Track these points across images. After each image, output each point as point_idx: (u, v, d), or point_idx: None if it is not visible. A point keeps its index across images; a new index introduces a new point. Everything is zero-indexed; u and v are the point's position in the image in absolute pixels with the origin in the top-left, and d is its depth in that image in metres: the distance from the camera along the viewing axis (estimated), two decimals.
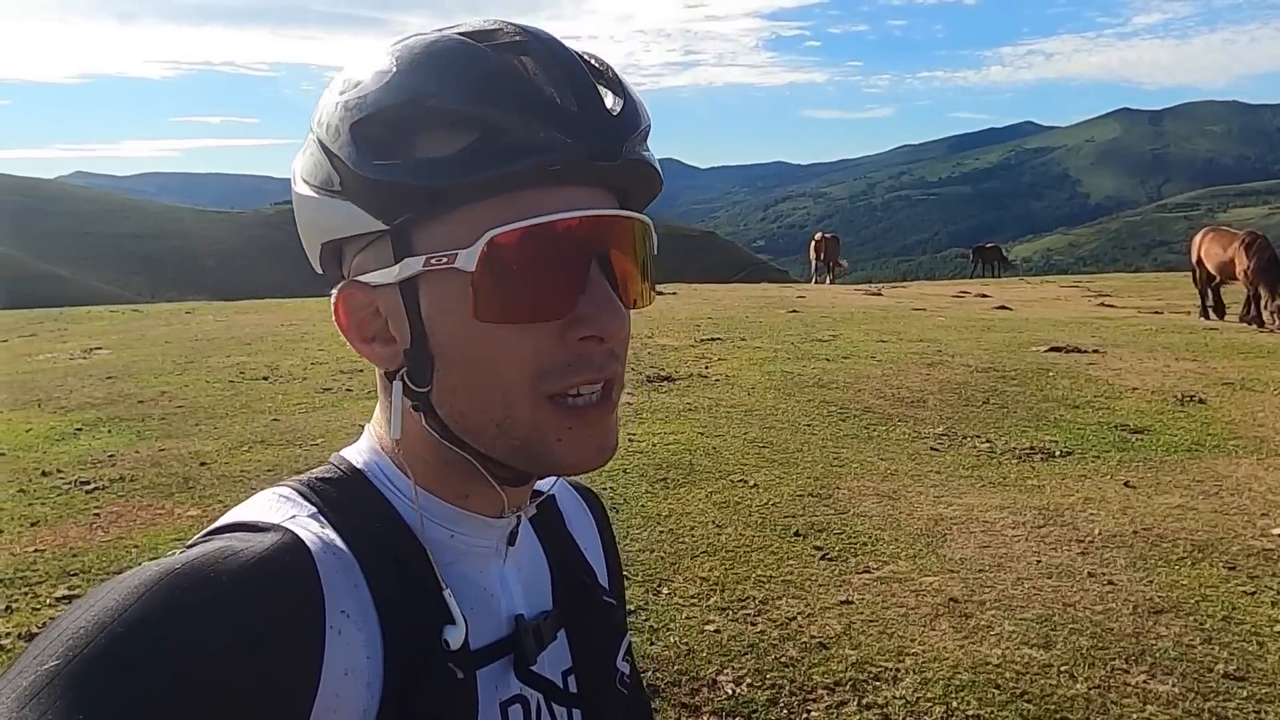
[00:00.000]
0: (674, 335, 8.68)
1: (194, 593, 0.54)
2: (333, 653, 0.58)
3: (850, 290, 16.50)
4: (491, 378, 0.62)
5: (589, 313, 0.61)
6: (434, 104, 0.59)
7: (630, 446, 4.75)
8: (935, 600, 3.07)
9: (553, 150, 0.59)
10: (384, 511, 0.67)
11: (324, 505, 0.66)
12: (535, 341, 0.61)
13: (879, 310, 11.27)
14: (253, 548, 0.58)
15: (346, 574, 0.62)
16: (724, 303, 12.28)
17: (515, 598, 0.72)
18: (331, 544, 0.63)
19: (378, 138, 0.60)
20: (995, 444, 5.05)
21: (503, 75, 0.60)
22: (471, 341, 0.62)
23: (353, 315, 0.65)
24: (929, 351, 7.64)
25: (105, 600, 0.53)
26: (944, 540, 3.62)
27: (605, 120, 0.61)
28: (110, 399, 6.13)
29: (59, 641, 0.51)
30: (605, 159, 0.61)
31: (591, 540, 0.84)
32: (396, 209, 0.60)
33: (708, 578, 3.23)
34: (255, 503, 0.66)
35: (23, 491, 4.17)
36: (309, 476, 0.68)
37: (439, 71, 0.60)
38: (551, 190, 0.61)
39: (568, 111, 0.60)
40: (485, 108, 0.59)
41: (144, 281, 61.01)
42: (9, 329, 11.14)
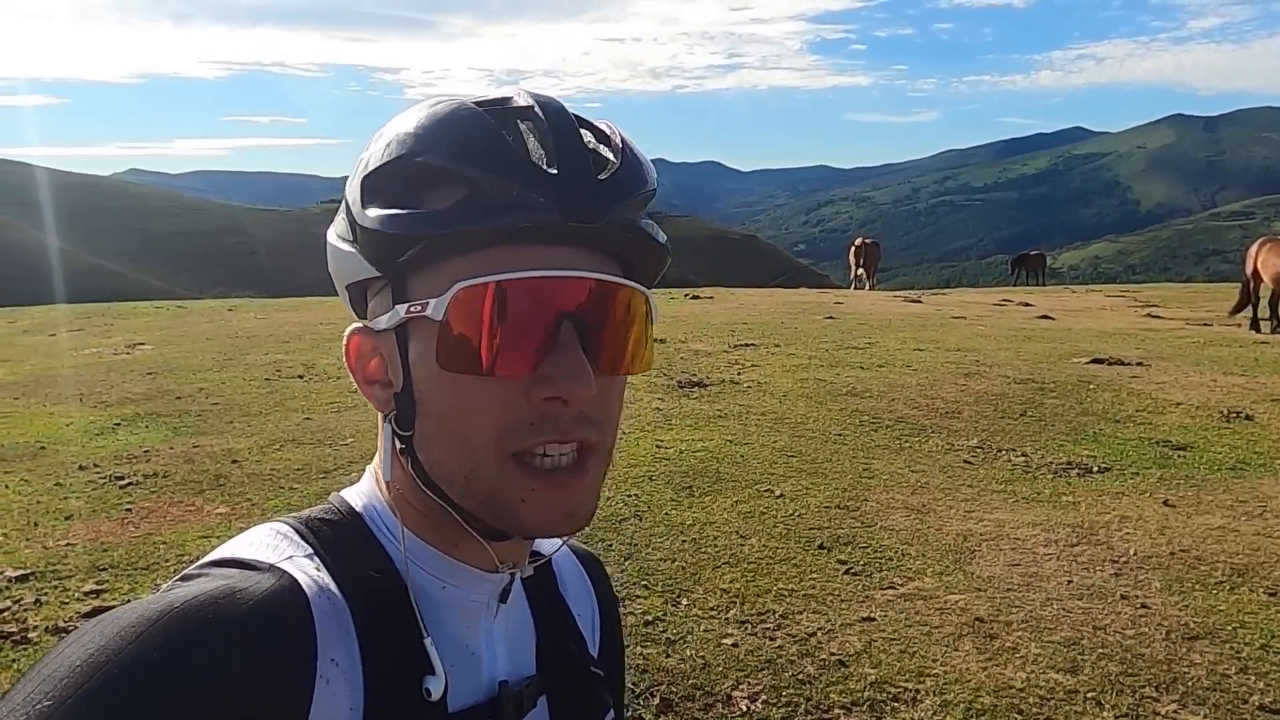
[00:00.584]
0: (707, 340, 8.64)
1: (192, 636, 0.54)
2: (319, 703, 0.58)
3: (889, 297, 16.33)
4: (458, 429, 0.63)
5: (551, 373, 0.61)
6: (426, 161, 0.63)
7: (657, 453, 4.73)
8: (960, 619, 3.01)
9: (525, 210, 0.61)
10: (377, 557, 0.67)
11: (320, 547, 0.66)
12: (499, 397, 0.62)
13: (917, 318, 11.13)
14: (251, 590, 0.59)
15: (338, 620, 0.62)
16: (760, 308, 12.20)
17: (499, 659, 0.71)
18: (326, 589, 0.63)
19: (378, 190, 0.64)
20: (1031, 458, 4.94)
21: (490, 138, 0.63)
22: (441, 391, 0.63)
23: (359, 358, 0.69)
24: (966, 361, 7.52)
25: (100, 639, 0.53)
26: (972, 557, 3.55)
27: (586, 185, 0.63)
28: (149, 395, 6.24)
29: (53, 680, 0.51)
30: (581, 220, 0.62)
31: (587, 608, 0.83)
32: (387, 257, 0.63)
33: (728, 589, 3.19)
34: (253, 538, 0.66)
35: (59, 485, 4.25)
36: (307, 515, 0.70)
37: (434, 132, 0.64)
38: (529, 249, 0.62)
39: (545, 174, 0.62)
40: (467, 167, 0.62)
41: (192, 278, 62.32)
42: (58, 323, 11.42)
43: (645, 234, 0.66)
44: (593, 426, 0.64)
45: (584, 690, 0.76)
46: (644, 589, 3.18)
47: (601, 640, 0.84)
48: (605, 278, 0.64)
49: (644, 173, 0.67)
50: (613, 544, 3.54)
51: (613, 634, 0.86)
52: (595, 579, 0.86)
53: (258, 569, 0.62)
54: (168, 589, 0.59)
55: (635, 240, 0.66)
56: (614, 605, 0.88)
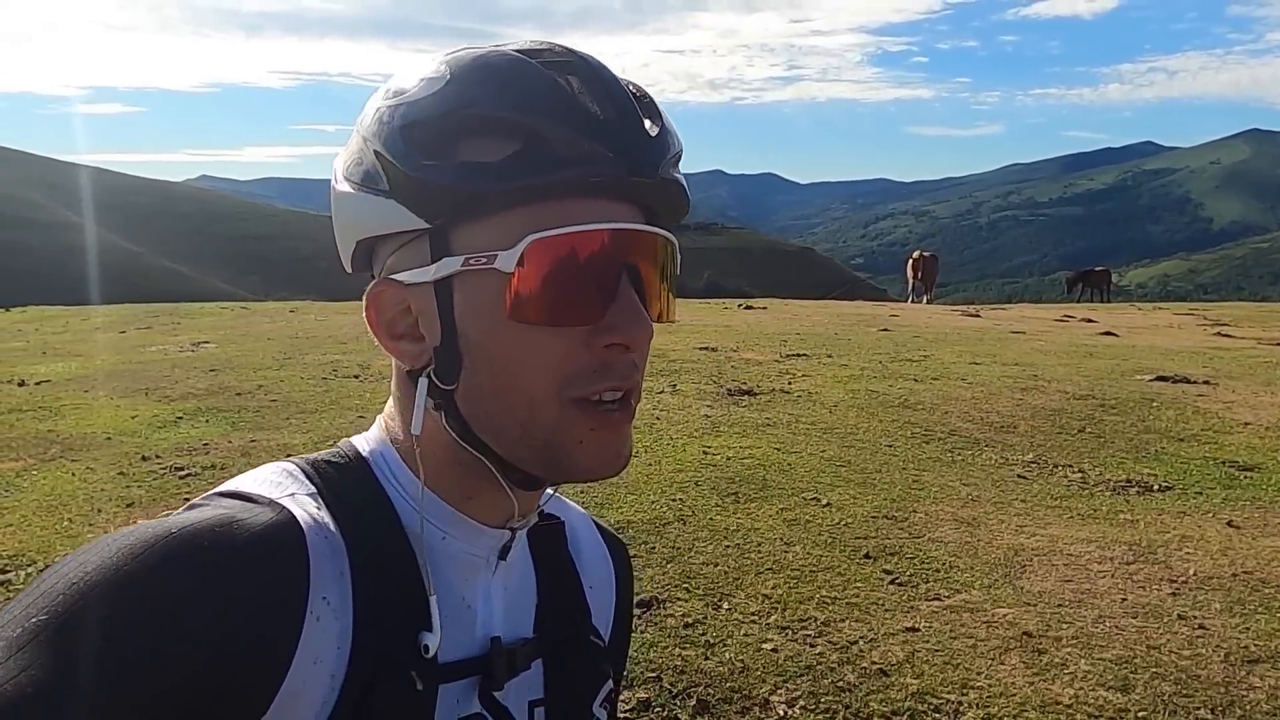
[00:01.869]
0: (759, 350, 8.60)
1: (185, 560, 0.55)
2: (308, 639, 0.59)
3: (947, 311, 16.06)
4: (519, 379, 0.63)
5: (617, 322, 0.63)
6: (482, 111, 0.62)
7: (704, 459, 4.71)
8: (1007, 633, 2.94)
9: (595, 163, 0.62)
10: (380, 503, 0.68)
11: (324, 487, 0.67)
12: (564, 346, 0.63)
13: (974, 332, 10.93)
14: (249, 521, 0.60)
15: (334, 560, 0.62)
16: (814, 319, 12.10)
17: (494, 616, 0.71)
18: (324, 527, 0.63)
19: (427, 140, 0.63)
20: (1088, 475, 4.82)
21: (550, 88, 0.63)
22: (502, 342, 0.63)
23: (383, 312, 0.67)
24: (1024, 376, 7.36)
25: (100, 557, 0.54)
26: (1023, 571, 3.47)
27: (645, 139, 0.64)
28: (211, 390, 6.41)
29: (50, 594, 0.52)
30: (643, 175, 0.63)
31: (606, 586, 0.83)
32: (439, 209, 0.62)
33: (770, 595, 3.16)
34: (260, 474, 0.68)
35: (122, 474, 4.39)
36: (315, 457, 0.71)
37: (489, 81, 0.63)
38: (588, 201, 0.63)
39: (611, 127, 0.63)
40: (532, 117, 0.61)
41: (258, 281, 63.97)
42: (127, 321, 11.81)
43: (685, 190, 0.68)
44: (639, 371, 0.66)
45: (581, 657, 0.76)
46: (685, 592, 3.17)
47: (615, 619, 0.84)
48: (656, 230, 0.66)
49: (677, 133, 0.69)
50: (655, 546, 3.53)
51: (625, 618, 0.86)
52: (618, 561, 0.86)
53: (258, 503, 0.62)
54: (174, 514, 0.60)
55: (680, 196, 0.67)
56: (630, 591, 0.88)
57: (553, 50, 0.66)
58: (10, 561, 3.29)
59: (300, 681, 0.58)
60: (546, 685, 0.73)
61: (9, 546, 3.43)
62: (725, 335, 9.49)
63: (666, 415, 5.64)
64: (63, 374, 7.25)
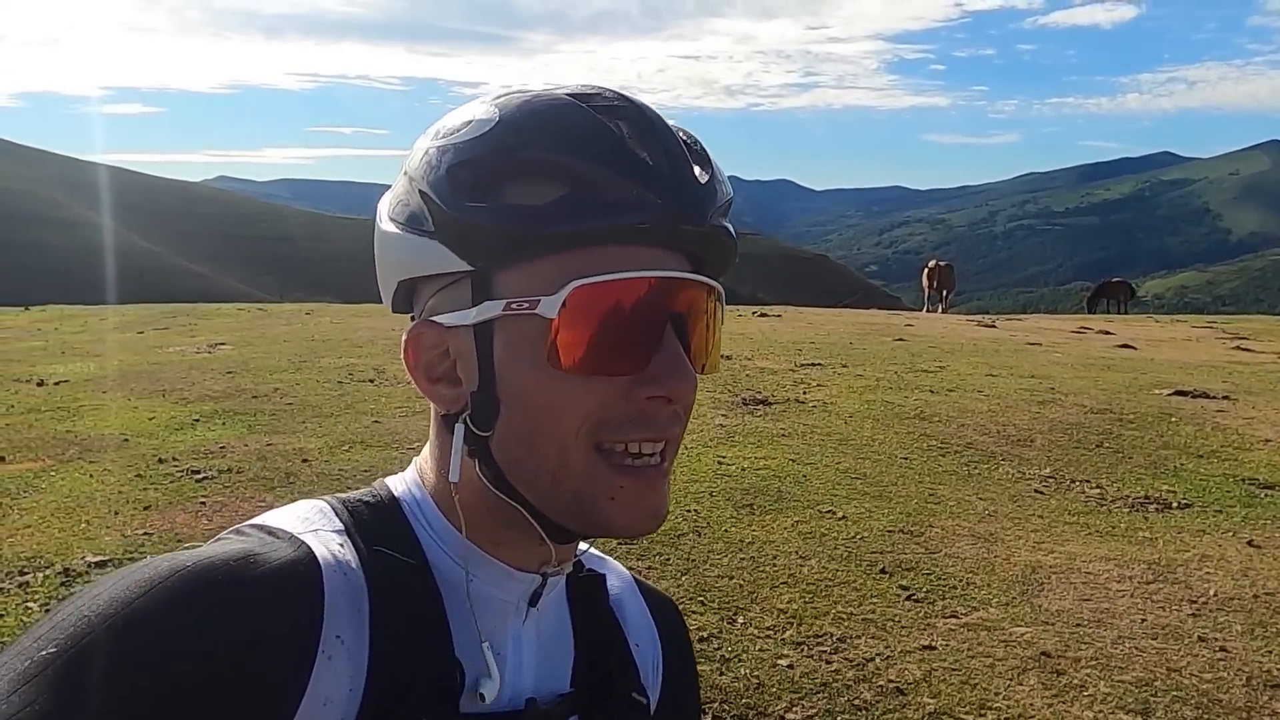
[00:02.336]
0: (774, 359, 8.57)
1: (195, 595, 0.55)
2: (319, 678, 0.58)
3: (962, 320, 15.98)
4: (552, 426, 0.62)
5: (660, 373, 0.62)
6: (529, 154, 0.62)
7: (718, 469, 4.70)
8: (1025, 653, 2.91)
9: (643, 209, 0.61)
10: (409, 544, 0.67)
11: (352, 526, 0.66)
12: (602, 395, 0.62)
13: (990, 343, 10.87)
14: (266, 556, 0.59)
15: (352, 599, 0.62)
16: (828, 327, 12.07)
17: (525, 666, 0.69)
18: (346, 565, 0.63)
19: (473, 182, 0.62)
20: (1106, 491, 4.78)
21: (599, 133, 0.62)
22: (539, 388, 0.62)
23: (422, 354, 0.66)
24: (1041, 389, 7.31)
25: (112, 591, 0.54)
26: (1041, 589, 3.44)
27: (694, 187, 0.63)
28: (228, 392, 6.44)
29: (61, 628, 0.52)
30: (691, 224, 0.63)
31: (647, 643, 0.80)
32: (481, 252, 0.62)
33: (785, 610, 3.15)
34: (293, 510, 0.68)
35: (140, 476, 4.41)
36: (349, 496, 0.70)
37: (537, 124, 0.62)
38: (634, 249, 0.62)
39: (660, 174, 0.62)
40: (581, 162, 0.61)
41: (274, 282, 64.34)
42: (145, 321, 11.88)
43: (734, 240, 0.67)
44: (680, 424, 0.65)
45: (620, 715, 0.73)
46: (700, 605, 3.16)
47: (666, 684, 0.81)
48: (702, 279, 0.65)
49: (725, 180, 0.67)
50: (670, 559, 3.52)
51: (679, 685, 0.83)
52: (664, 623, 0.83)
53: (280, 538, 0.62)
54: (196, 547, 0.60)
55: (729, 245, 0.67)
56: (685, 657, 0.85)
57: (603, 95, 0.65)
58: (28, 563, 3.31)
59: None
60: None
61: (27, 548, 3.45)
62: (740, 343, 9.47)
63: None
64: (81, 374, 7.30)
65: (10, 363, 7.91)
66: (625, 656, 0.77)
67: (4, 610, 2.94)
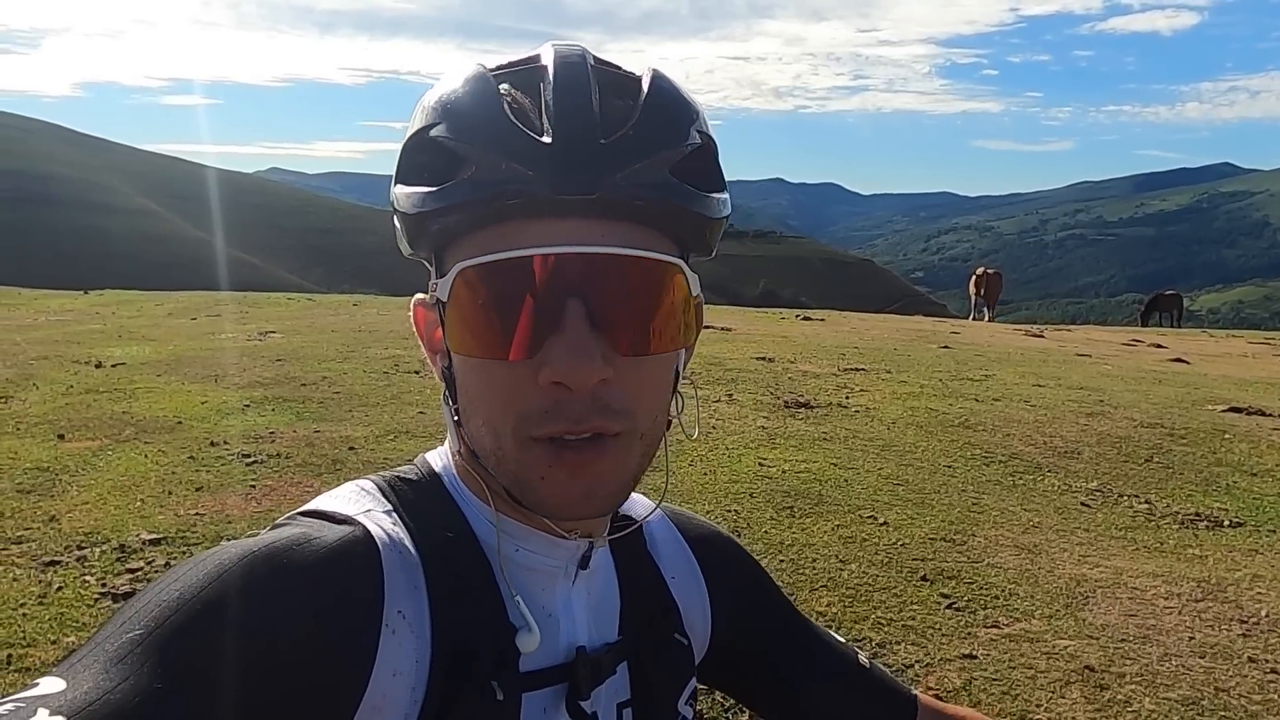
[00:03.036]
0: (817, 362, 8.53)
1: (266, 577, 0.58)
2: (385, 652, 0.61)
3: (1009, 329, 15.76)
4: (481, 409, 0.63)
5: (551, 357, 0.59)
6: (434, 135, 0.61)
7: (759, 471, 4.69)
8: (1068, 666, 2.87)
9: (513, 183, 0.58)
10: (454, 518, 0.69)
11: (399, 504, 0.69)
12: (511, 380, 0.61)
13: (1038, 353, 10.71)
14: (325, 538, 0.62)
15: (409, 575, 0.64)
16: (873, 333, 11.97)
17: (578, 624, 0.71)
18: (400, 543, 0.65)
19: (406, 166, 0.64)
20: (1155, 506, 4.69)
21: (485, 109, 0.60)
22: (465, 370, 0.64)
23: (423, 328, 0.71)
24: (1089, 400, 7.19)
25: (189, 576, 0.57)
26: (1085, 603, 3.39)
27: (582, 151, 0.58)
28: (277, 380, 6.57)
29: (144, 612, 0.55)
30: (574, 191, 0.58)
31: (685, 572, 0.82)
32: (416, 235, 0.64)
33: (824, 613, 3.14)
34: (339, 493, 0.70)
35: (192, 459, 4.51)
36: (391, 474, 0.72)
37: (446, 104, 0.62)
38: (531, 224, 0.59)
39: (536, 144, 0.58)
40: (463, 141, 0.60)
41: (323, 273, 65.33)
42: (199, 308, 12.14)
43: (665, 200, 0.60)
44: (612, 415, 0.61)
45: (666, 659, 0.75)
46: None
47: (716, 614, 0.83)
48: (609, 250, 0.59)
49: (674, 129, 0.61)
50: None
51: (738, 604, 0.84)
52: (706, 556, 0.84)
53: (335, 520, 0.65)
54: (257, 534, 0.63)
55: (651, 207, 0.60)
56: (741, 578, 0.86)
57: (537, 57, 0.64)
58: (86, 539, 3.41)
59: (380, 694, 0.60)
60: (633, 687, 0.73)
61: (85, 524, 3.56)
62: (782, 346, 9.43)
63: (723, 425, 5.62)
64: (137, 357, 7.48)
65: (71, 344, 8.13)
66: (666, 599, 0.79)
67: (62, 583, 3.03)
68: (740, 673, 0.88)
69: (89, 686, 0.51)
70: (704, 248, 0.65)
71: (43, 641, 2.65)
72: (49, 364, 6.94)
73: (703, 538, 0.86)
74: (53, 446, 4.61)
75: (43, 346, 7.87)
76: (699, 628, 0.82)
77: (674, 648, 0.77)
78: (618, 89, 0.62)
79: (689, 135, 0.62)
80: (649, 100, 0.61)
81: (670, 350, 0.63)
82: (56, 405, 5.54)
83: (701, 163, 0.63)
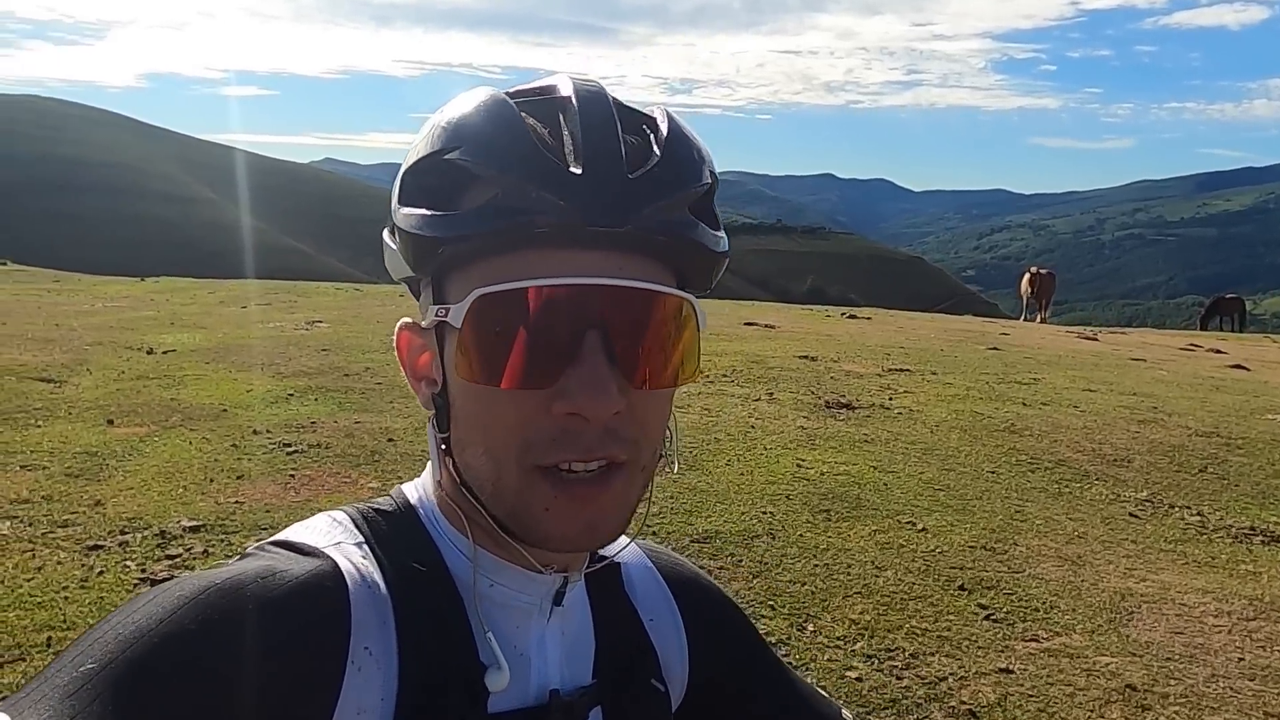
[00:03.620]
0: (860, 362, 8.42)
1: (227, 611, 0.56)
2: (349, 689, 0.59)
3: (1062, 331, 15.42)
4: (483, 438, 0.61)
5: (570, 388, 0.58)
6: (453, 159, 0.60)
7: (797, 472, 4.64)
8: (1109, 684, 2.79)
9: (544, 213, 0.58)
10: (428, 551, 0.67)
11: (372, 535, 0.67)
12: (521, 410, 0.60)
13: (1091, 356, 10.46)
14: (291, 571, 0.60)
15: (378, 610, 0.62)
16: (919, 332, 11.79)
17: (550, 664, 0.69)
18: (368, 577, 0.64)
19: (414, 188, 0.62)
20: (1208, 518, 4.54)
21: (513, 136, 0.60)
22: (467, 398, 0.62)
23: (408, 354, 0.68)
24: (1142, 407, 7.00)
25: (147, 609, 0.56)
26: (1130, 619, 3.29)
27: (612, 184, 0.58)
28: (321, 369, 6.66)
29: (99, 644, 0.54)
30: (604, 224, 0.58)
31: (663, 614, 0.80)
32: (423, 259, 0.62)
33: (858, 621, 3.09)
34: (312, 524, 0.69)
35: (235, 446, 4.59)
36: (366, 506, 0.71)
37: (468, 127, 0.61)
38: (554, 254, 0.59)
39: (567, 174, 0.58)
40: (489, 166, 0.59)
41: (374, 263, 66.15)
42: (250, 296, 12.37)
43: (685, 236, 0.61)
44: (621, 444, 0.61)
45: (640, 703, 0.73)
46: (770, 609, 3.12)
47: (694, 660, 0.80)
48: (634, 284, 0.60)
49: (692, 168, 0.62)
50: (742, 560, 3.49)
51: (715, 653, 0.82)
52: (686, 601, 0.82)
53: (304, 553, 0.63)
54: (223, 565, 0.61)
55: (672, 244, 0.61)
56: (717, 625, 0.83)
57: (555, 88, 0.64)
58: (129, 524, 3.48)
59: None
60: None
61: (129, 509, 3.63)
62: (826, 345, 9.33)
63: (761, 424, 5.57)
64: (187, 345, 7.64)
65: (124, 330, 8.33)
66: (643, 642, 0.77)
67: (104, 568, 3.10)
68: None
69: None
70: (705, 284, 0.66)
71: (82, 625, 2.70)
72: (102, 350, 7.12)
73: (682, 579, 0.83)
74: (102, 431, 4.72)
75: (98, 332, 8.08)
76: (677, 673, 0.80)
77: (651, 694, 0.74)
78: (635, 126, 0.64)
79: (704, 175, 0.63)
80: (670, 139, 0.63)
81: (681, 384, 0.64)
82: (107, 391, 5.67)
83: (709, 201, 0.65)
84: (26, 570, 3.04)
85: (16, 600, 2.82)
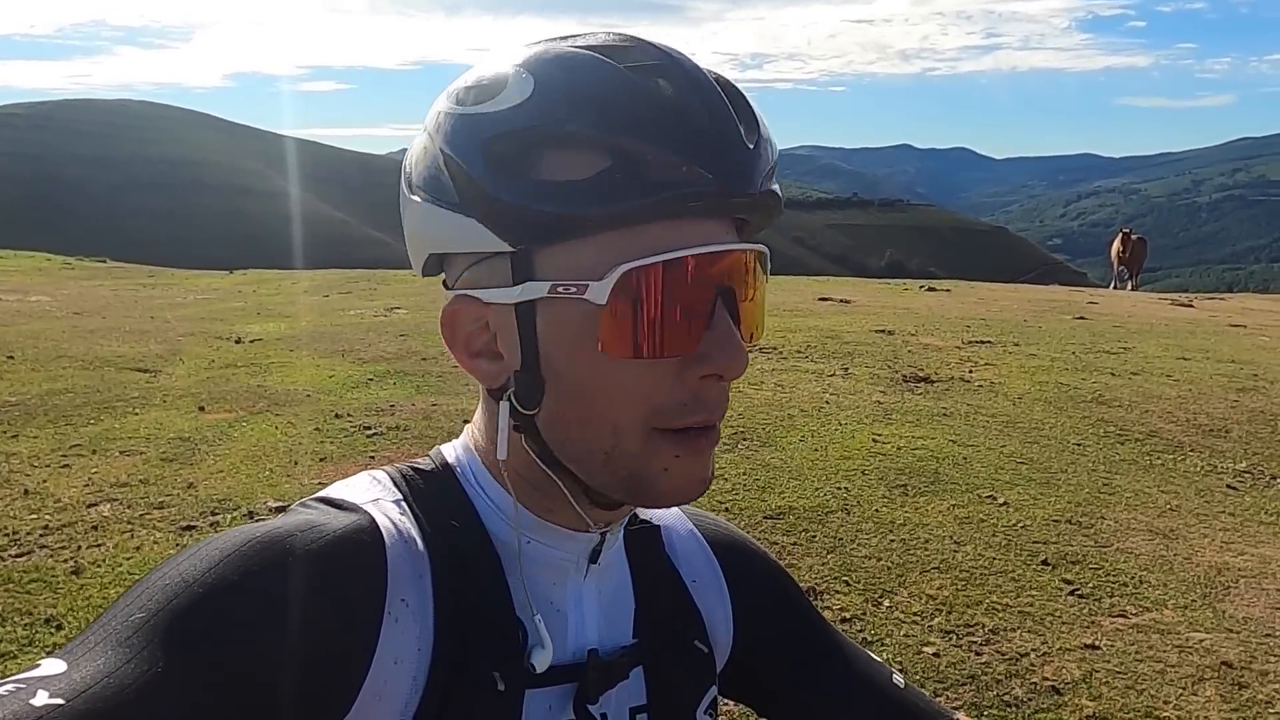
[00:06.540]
0: (939, 335, 8.22)
1: (267, 563, 0.58)
2: (386, 639, 0.60)
3: (1154, 299, 14.80)
4: (605, 410, 0.61)
5: (712, 351, 0.60)
6: (571, 128, 0.58)
7: (873, 447, 4.56)
8: (1203, 661, 2.68)
9: (693, 184, 0.58)
10: (465, 510, 0.68)
11: (410, 494, 0.68)
12: (654, 378, 0.60)
13: (1185, 323, 10.01)
14: (330, 525, 0.62)
15: (414, 564, 0.63)
16: (1001, 304, 11.45)
17: (588, 622, 0.70)
18: (406, 532, 0.65)
19: (510, 157, 0.59)
20: None
21: (639, 100, 0.59)
22: (589, 373, 0.60)
23: (461, 329, 0.64)
24: (1241, 375, 6.67)
25: (193, 560, 0.58)
26: (1226, 594, 3.15)
27: (742, 154, 0.60)
28: (400, 354, 6.81)
29: (147, 594, 0.56)
30: (742, 193, 0.59)
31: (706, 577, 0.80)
32: (524, 232, 0.59)
33: (935, 596, 3.03)
34: (352, 482, 0.70)
35: (318, 430, 4.73)
36: (405, 465, 0.71)
37: (576, 93, 0.59)
38: (683, 223, 0.59)
39: (707, 143, 0.58)
40: (622, 135, 0.57)
41: None
42: (330, 286, 12.70)
43: (780, 201, 0.64)
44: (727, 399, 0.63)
45: (683, 663, 0.74)
46: (844, 585, 3.09)
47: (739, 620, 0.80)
48: (750, 247, 0.62)
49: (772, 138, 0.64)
50: (816, 535, 3.46)
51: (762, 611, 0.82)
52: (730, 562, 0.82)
53: (342, 508, 0.64)
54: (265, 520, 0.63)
55: (776, 207, 0.64)
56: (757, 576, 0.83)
57: (640, 49, 0.61)
58: (219, 505, 3.62)
59: (382, 681, 0.60)
60: (649, 692, 0.71)
61: (219, 491, 3.78)
62: (904, 318, 9.14)
63: (836, 399, 5.50)
64: (273, 333, 7.90)
65: (214, 321, 8.66)
66: (685, 604, 0.77)
67: None
68: (762, 687, 0.84)
69: (89, 668, 0.52)
70: None
71: None
72: (194, 340, 7.41)
73: (727, 543, 0.83)
74: (194, 417, 4.92)
75: (190, 324, 8.41)
76: (721, 636, 0.79)
77: (694, 655, 0.74)
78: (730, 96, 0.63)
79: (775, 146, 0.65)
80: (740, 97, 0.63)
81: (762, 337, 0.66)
82: (199, 379, 5.90)
83: None
84: (125, 550, 3.19)
85: (117, 578, 2.97)
